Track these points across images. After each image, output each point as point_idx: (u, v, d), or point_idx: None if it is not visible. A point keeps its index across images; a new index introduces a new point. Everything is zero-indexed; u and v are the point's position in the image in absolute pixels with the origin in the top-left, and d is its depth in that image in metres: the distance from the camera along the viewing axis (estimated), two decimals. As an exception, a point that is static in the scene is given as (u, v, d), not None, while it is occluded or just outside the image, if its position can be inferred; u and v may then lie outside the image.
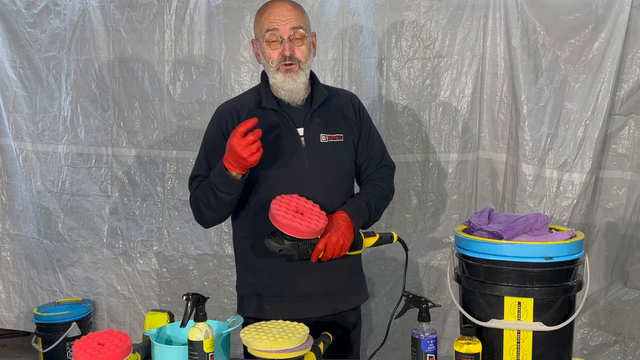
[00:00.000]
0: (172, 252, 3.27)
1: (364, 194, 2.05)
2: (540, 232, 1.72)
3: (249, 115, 1.97)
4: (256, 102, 2.02)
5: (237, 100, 2.09)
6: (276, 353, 1.58)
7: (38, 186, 3.40)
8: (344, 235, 1.86)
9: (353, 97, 2.13)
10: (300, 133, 1.97)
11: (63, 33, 3.26)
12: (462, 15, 2.95)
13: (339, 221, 1.88)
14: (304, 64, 1.95)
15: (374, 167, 2.11)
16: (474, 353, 1.59)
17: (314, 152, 1.97)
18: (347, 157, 2.04)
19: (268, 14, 1.93)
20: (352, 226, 1.89)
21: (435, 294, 3.13)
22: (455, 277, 1.77)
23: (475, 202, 3.09)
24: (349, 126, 2.05)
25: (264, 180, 1.95)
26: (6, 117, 3.41)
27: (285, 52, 1.91)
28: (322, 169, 1.97)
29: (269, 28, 1.91)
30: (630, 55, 2.79)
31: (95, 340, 1.66)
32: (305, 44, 1.95)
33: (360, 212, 1.96)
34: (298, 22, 1.93)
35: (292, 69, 1.92)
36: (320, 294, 1.99)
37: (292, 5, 1.95)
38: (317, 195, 1.92)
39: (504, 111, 2.98)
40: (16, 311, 3.53)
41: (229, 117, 2.01)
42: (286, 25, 1.91)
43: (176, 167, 3.24)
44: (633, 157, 2.90)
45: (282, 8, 1.93)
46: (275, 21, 1.91)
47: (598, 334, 2.98)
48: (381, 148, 2.15)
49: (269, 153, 1.91)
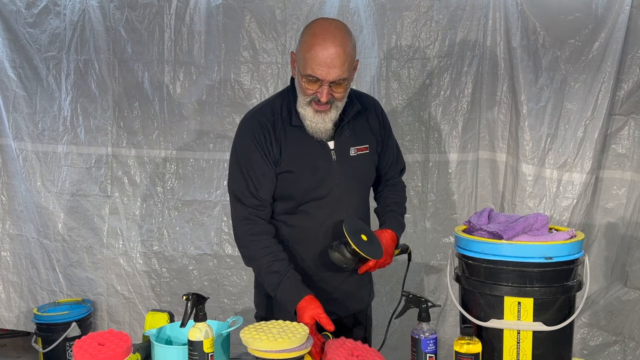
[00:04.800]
0: (172, 252, 3.27)
1: (394, 204, 2.09)
2: (540, 232, 1.72)
3: (281, 130, 1.90)
4: (287, 114, 1.91)
5: (267, 111, 1.94)
6: (276, 353, 1.57)
7: (38, 186, 3.40)
8: (391, 256, 1.96)
9: (376, 105, 2.09)
10: (330, 147, 1.94)
11: (63, 33, 3.26)
12: (462, 15, 2.95)
13: (389, 241, 1.95)
14: (339, 103, 1.86)
15: (394, 171, 2.14)
16: (474, 353, 1.59)
17: (344, 166, 1.95)
18: (372, 166, 2.05)
19: (314, 55, 1.76)
20: (395, 244, 1.99)
21: (435, 294, 3.13)
22: (455, 277, 1.78)
23: (475, 202, 3.09)
24: (374, 136, 2.04)
25: (297, 194, 1.93)
26: (6, 117, 3.41)
27: (321, 98, 1.80)
28: (351, 182, 1.97)
29: (311, 74, 1.78)
30: (630, 55, 2.79)
31: (95, 340, 1.66)
32: (345, 87, 1.83)
33: (401, 227, 2.05)
34: (343, 72, 1.77)
35: (324, 110, 1.85)
36: (341, 295, 2.01)
37: (342, 48, 1.76)
38: (346, 206, 1.95)
39: (504, 111, 2.98)
40: (16, 311, 3.54)
41: (265, 131, 1.89)
42: (329, 75, 1.76)
43: (176, 167, 3.24)
44: (633, 157, 2.90)
45: (331, 52, 1.75)
46: (318, 68, 1.76)
47: (598, 334, 2.98)
48: (398, 151, 2.18)
49: (303, 168, 1.90)
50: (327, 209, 1.93)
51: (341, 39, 1.78)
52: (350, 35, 1.82)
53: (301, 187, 1.92)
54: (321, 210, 1.93)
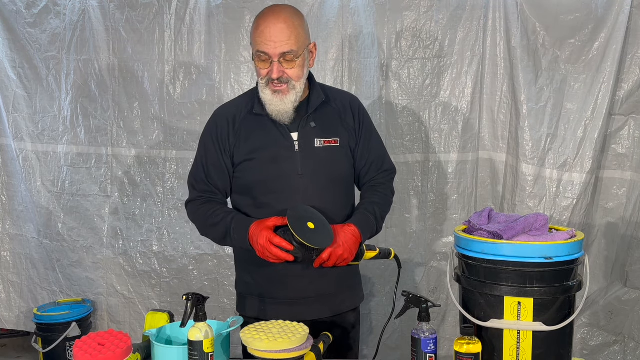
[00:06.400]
0: (172, 252, 3.27)
1: (369, 202, 2.02)
2: (540, 232, 1.72)
3: (243, 121, 1.97)
4: (251, 106, 1.98)
5: (233, 104, 2.06)
6: (276, 353, 1.58)
7: (38, 186, 3.40)
8: (350, 250, 1.85)
9: (353, 101, 2.08)
10: (294, 138, 1.94)
11: (63, 33, 3.26)
12: (462, 15, 2.95)
13: (348, 235, 1.87)
14: (296, 83, 1.88)
15: (375, 171, 2.08)
16: (474, 353, 1.59)
17: (307, 156, 1.94)
18: (343, 161, 2.01)
19: (260, 33, 1.83)
20: (359, 240, 1.90)
21: (435, 294, 3.13)
22: (455, 277, 1.78)
23: (475, 202, 3.09)
24: (347, 130, 2.01)
25: (259, 184, 1.95)
26: (6, 117, 3.40)
27: (272, 75, 1.84)
28: (315, 173, 1.94)
29: (259, 49, 1.84)
30: (630, 55, 2.79)
31: (95, 340, 1.66)
32: (298, 64, 1.86)
33: (368, 225, 1.95)
34: (289, 45, 1.82)
35: (281, 90, 1.87)
36: (313, 297, 1.98)
37: (285, 24, 1.82)
38: (311, 200, 1.91)
39: (504, 111, 2.98)
40: (16, 311, 3.53)
41: (225, 123, 1.98)
42: (276, 49, 1.81)
43: (176, 167, 3.24)
44: (633, 157, 2.90)
45: (274, 28, 1.81)
46: (264, 43, 1.82)
47: (598, 334, 2.98)
48: (382, 152, 2.12)
49: (264, 158, 1.92)
50: (289, 202, 1.89)
51: (286, 16, 1.84)
52: (298, 14, 1.89)
53: (260, 176, 1.93)
54: (284, 204, 1.89)
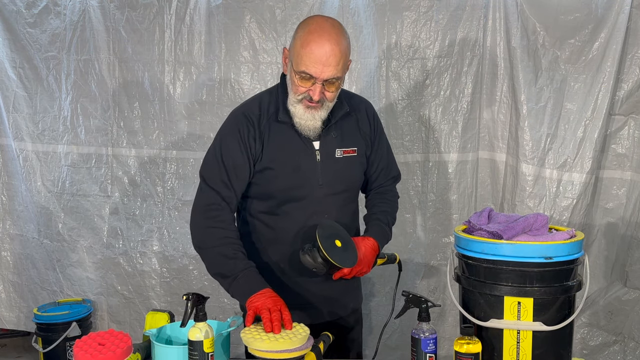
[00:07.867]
0: (172, 252, 3.27)
1: (382, 213, 2.03)
2: (540, 232, 1.72)
3: (266, 126, 1.89)
4: (274, 110, 1.90)
5: (255, 105, 1.93)
6: (277, 353, 1.58)
7: (38, 186, 3.40)
8: (368, 264, 1.92)
9: (368, 108, 2.05)
10: (316, 147, 1.91)
11: (63, 33, 3.26)
12: (462, 15, 2.95)
13: (368, 249, 1.91)
14: (330, 103, 1.85)
15: (384, 178, 2.09)
16: (473, 353, 1.59)
17: (327, 167, 1.92)
18: (359, 170, 2.01)
19: (309, 52, 1.74)
20: (376, 253, 1.95)
21: (435, 294, 3.13)
22: (455, 277, 1.78)
23: (475, 202, 3.09)
24: (363, 139, 2.00)
25: (279, 193, 1.91)
26: (6, 117, 3.40)
27: (314, 97, 1.79)
28: (333, 183, 1.93)
29: (305, 70, 1.76)
30: (630, 55, 2.79)
31: (95, 340, 1.66)
32: (337, 86, 1.82)
33: (385, 237, 2.01)
34: (337, 71, 1.76)
35: (315, 107, 1.83)
36: (314, 303, 1.98)
37: (338, 47, 1.75)
38: (326, 208, 1.92)
39: (504, 111, 2.99)
40: (16, 311, 3.53)
41: (250, 125, 1.88)
42: (323, 73, 1.75)
43: (176, 167, 3.24)
44: (633, 157, 2.90)
45: (327, 50, 1.73)
46: (313, 65, 1.74)
47: (598, 334, 2.98)
48: (391, 159, 2.13)
49: (286, 167, 1.88)
50: (308, 210, 1.90)
51: (337, 37, 1.77)
52: (345, 34, 1.81)
53: (281, 185, 1.89)
54: (302, 212, 1.90)
